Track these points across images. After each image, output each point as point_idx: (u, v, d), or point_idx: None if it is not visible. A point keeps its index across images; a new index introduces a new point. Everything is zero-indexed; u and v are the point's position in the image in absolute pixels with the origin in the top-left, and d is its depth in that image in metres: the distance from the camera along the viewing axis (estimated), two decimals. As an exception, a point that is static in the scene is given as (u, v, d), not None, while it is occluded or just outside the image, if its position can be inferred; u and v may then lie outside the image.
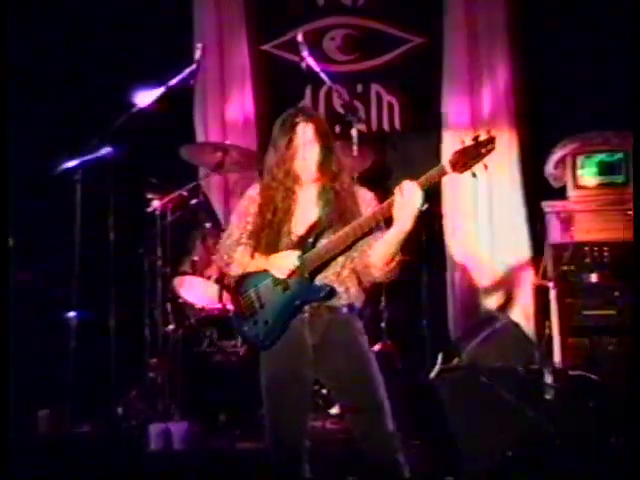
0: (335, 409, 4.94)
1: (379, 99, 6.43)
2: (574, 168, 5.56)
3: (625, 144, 5.39)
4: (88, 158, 5.09)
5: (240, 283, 3.48)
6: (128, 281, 5.49)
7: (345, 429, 4.62)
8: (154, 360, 5.40)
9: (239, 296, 3.48)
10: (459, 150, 3.13)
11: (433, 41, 6.28)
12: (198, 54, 5.38)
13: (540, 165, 5.75)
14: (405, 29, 6.36)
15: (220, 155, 5.47)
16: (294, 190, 3.44)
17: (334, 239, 3.32)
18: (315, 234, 3.36)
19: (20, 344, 4.91)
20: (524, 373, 4.73)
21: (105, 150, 5.09)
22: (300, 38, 5.46)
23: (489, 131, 3.14)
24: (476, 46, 6.16)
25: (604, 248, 5.32)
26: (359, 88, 6.43)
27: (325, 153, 3.42)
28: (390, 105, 6.42)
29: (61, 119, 6.17)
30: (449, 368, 5.21)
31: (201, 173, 6.06)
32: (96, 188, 5.10)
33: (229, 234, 3.56)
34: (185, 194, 5.48)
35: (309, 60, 5.45)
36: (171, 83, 5.24)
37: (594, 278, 5.31)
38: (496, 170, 5.93)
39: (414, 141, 6.33)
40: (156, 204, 5.38)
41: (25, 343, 5.38)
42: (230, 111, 6.48)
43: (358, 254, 3.36)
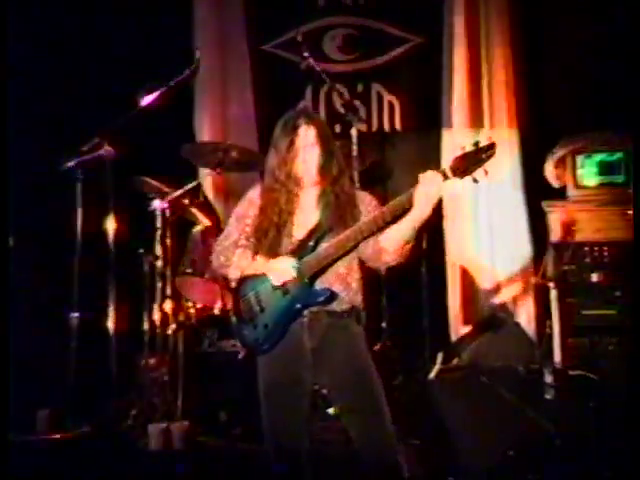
0: (333, 409, 4.94)
1: (379, 99, 6.43)
2: (574, 168, 5.56)
3: (625, 144, 5.39)
4: (88, 157, 5.09)
5: (240, 286, 3.48)
6: (128, 281, 5.49)
7: (343, 429, 4.62)
8: (154, 360, 5.40)
9: (239, 299, 3.48)
10: (460, 156, 3.15)
11: (433, 41, 6.28)
12: (198, 53, 5.38)
13: (540, 165, 5.74)
14: (405, 29, 6.36)
15: (220, 155, 5.46)
16: (295, 193, 3.44)
17: (334, 243, 3.32)
18: (315, 238, 3.36)
19: (20, 344, 4.91)
20: (524, 373, 4.73)
21: (105, 149, 5.09)
22: (300, 38, 5.46)
23: (490, 137, 3.17)
24: (476, 46, 6.16)
25: (604, 248, 5.32)
26: (359, 88, 6.43)
27: (326, 156, 3.42)
28: (390, 105, 6.42)
29: (61, 119, 6.17)
30: (449, 368, 5.21)
31: (201, 173, 6.06)
32: (96, 187, 5.10)
33: (226, 235, 3.54)
34: (185, 194, 5.48)
35: (309, 60, 5.45)
36: (172, 82, 5.24)
37: (594, 278, 5.31)
38: (496, 170, 5.91)
39: (414, 141, 6.33)
40: (156, 204, 5.38)
41: (25, 343, 5.39)
42: (230, 111, 6.48)
43: (367, 242, 3.34)
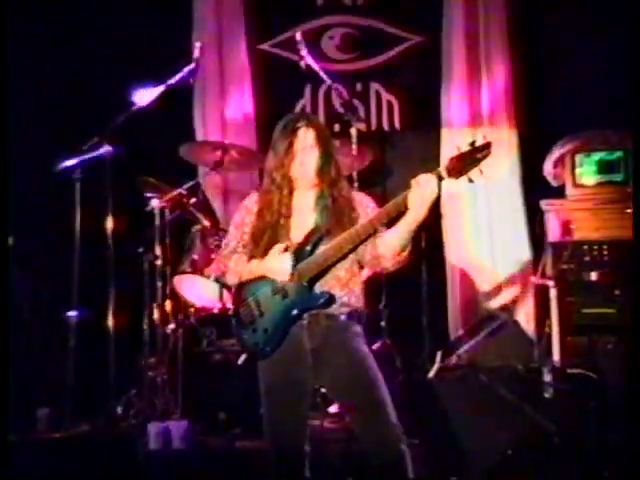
0: (334, 408, 4.94)
1: (378, 98, 6.42)
2: (573, 167, 5.56)
3: (624, 142, 5.39)
4: (87, 157, 5.09)
5: (239, 291, 3.48)
6: (127, 280, 5.49)
7: (344, 427, 4.63)
8: (153, 359, 5.40)
9: (239, 304, 3.48)
10: (455, 156, 3.15)
11: (432, 40, 6.27)
12: (197, 53, 5.38)
13: (539, 164, 5.74)
14: (404, 28, 6.35)
15: (219, 154, 5.47)
16: (292, 195, 3.44)
17: (331, 246, 3.32)
18: (313, 241, 3.35)
19: (19, 343, 4.92)
20: (523, 372, 4.73)
21: (104, 149, 5.09)
22: (299, 37, 5.46)
23: (485, 136, 3.17)
24: (475, 44, 6.16)
25: (603, 246, 5.31)
26: (358, 87, 6.42)
27: (325, 159, 3.42)
28: (389, 104, 6.41)
29: (60, 118, 6.17)
30: (448, 367, 5.21)
31: (200, 172, 6.06)
32: (95, 187, 5.09)
33: (226, 244, 3.57)
34: (184, 193, 5.47)
35: (308, 59, 5.45)
36: (170, 82, 5.24)
37: (594, 276, 5.30)
38: (495, 169, 5.93)
39: (413, 140, 6.32)
40: (155, 203, 5.38)
41: (24, 342, 5.39)
42: (229, 110, 6.48)
43: (365, 247, 3.35)
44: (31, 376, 5.36)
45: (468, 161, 3.13)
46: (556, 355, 5.21)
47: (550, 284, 5.34)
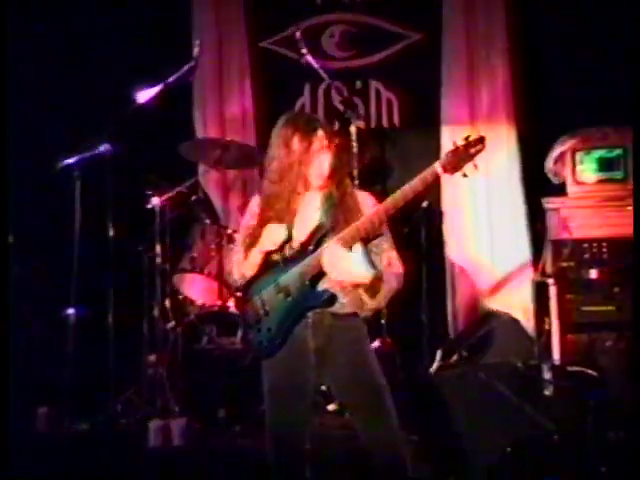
0: (332, 406, 4.95)
1: (378, 96, 6.41)
2: (573, 164, 5.55)
3: (624, 140, 5.39)
4: (87, 155, 5.08)
5: (246, 290, 3.48)
6: (127, 278, 5.49)
7: (342, 425, 4.64)
8: (153, 357, 5.40)
9: (246, 304, 3.48)
10: (450, 151, 3.17)
11: (432, 37, 6.26)
12: (196, 51, 5.38)
13: (539, 161, 5.74)
14: (404, 25, 6.34)
15: (219, 152, 5.46)
16: (300, 194, 3.43)
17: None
18: (316, 240, 3.35)
19: (19, 341, 4.91)
20: (523, 369, 4.73)
21: (104, 147, 5.09)
22: (299, 35, 5.46)
23: (479, 131, 3.18)
24: (475, 42, 6.14)
25: (603, 244, 5.31)
26: (358, 85, 6.41)
27: (337, 160, 3.41)
28: (389, 101, 6.41)
29: (60, 116, 6.17)
30: (448, 364, 5.21)
31: (200, 170, 6.06)
32: (95, 185, 5.09)
33: (235, 251, 3.56)
34: (184, 191, 5.48)
35: (308, 57, 5.45)
36: (170, 80, 5.24)
37: (593, 274, 5.31)
38: (495, 166, 5.93)
39: (413, 137, 6.32)
40: (155, 201, 5.38)
41: (24, 340, 5.39)
42: (229, 108, 6.47)
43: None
44: (31, 374, 5.36)
45: (462, 156, 3.14)
46: (556, 353, 5.21)
47: (550, 282, 5.34)
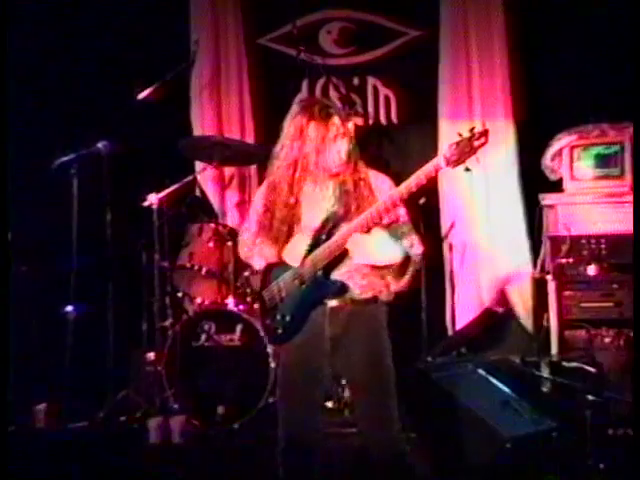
0: (330, 403, 4.95)
1: (376, 92, 6.40)
2: (571, 160, 5.55)
3: (622, 136, 5.39)
4: (84, 152, 5.08)
5: (265, 276, 3.49)
6: (126, 275, 5.49)
7: (341, 423, 4.64)
8: (152, 354, 5.40)
9: (264, 289, 3.49)
10: (453, 144, 3.14)
11: (430, 34, 6.25)
12: (194, 47, 5.38)
13: (537, 157, 5.74)
14: (402, 22, 6.34)
15: (217, 149, 5.46)
16: (313, 182, 3.42)
17: (343, 233, 3.30)
18: (329, 227, 3.34)
19: (18, 338, 4.91)
20: (521, 365, 4.73)
21: (101, 144, 5.09)
22: (296, 31, 5.46)
23: (484, 123, 3.17)
24: (473, 38, 6.14)
25: (601, 240, 5.31)
26: (356, 81, 6.40)
27: (353, 146, 3.41)
28: (387, 98, 6.40)
29: (58, 115, 6.16)
30: (447, 361, 5.21)
31: (197, 167, 6.05)
32: (92, 182, 5.09)
33: (247, 227, 3.58)
34: (182, 188, 5.47)
35: (305, 53, 5.45)
36: (168, 76, 5.24)
37: (592, 270, 5.31)
38: (493, 163, 5.93)
39: (411, 134, 6.32)
40: (153, 198, 5.38)
41: (22, 337, 5.39)
42: (227, 105, 6.46)
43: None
44: (29, 371, 5.36)
45: (466, 149, 3.10)
46: (554, 349, 5.22)
47: (548, 278, 5.35)
